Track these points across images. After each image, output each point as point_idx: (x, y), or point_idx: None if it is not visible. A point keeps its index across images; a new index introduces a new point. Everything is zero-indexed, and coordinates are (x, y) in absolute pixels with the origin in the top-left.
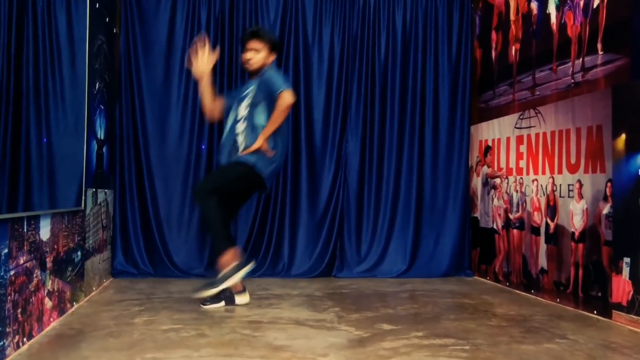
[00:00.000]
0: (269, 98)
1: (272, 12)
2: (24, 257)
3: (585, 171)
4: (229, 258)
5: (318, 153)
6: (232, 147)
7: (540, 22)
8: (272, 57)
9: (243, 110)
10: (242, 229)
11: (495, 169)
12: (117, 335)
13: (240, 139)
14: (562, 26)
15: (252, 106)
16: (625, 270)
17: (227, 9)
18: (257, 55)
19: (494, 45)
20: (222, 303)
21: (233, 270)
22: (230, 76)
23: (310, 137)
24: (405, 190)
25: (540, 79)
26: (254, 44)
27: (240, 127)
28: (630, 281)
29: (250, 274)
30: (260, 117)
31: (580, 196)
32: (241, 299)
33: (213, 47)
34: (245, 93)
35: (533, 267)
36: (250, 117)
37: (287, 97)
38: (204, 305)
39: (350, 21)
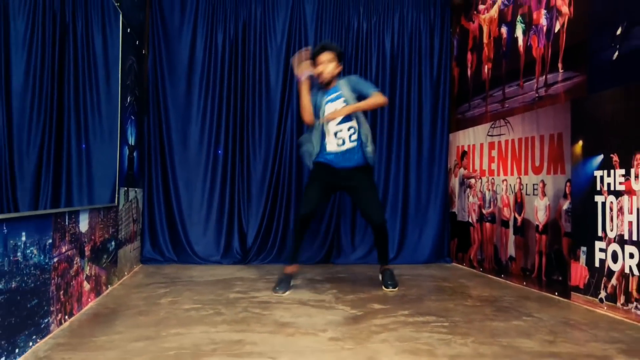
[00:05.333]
0: (360, 99)
1: (278, 36)
2: (66, 247)
3: (548, 172)
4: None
5: None
6: (349, 151)
7: (509, 44)
8: (340, 67)
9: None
10: (253, 224)
11: (471, 170)
12: (146, 313)
13: (353, 145)
14: (528, 48)
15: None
16: (582, 258)
17: (240, 33)
18: (328, 66)
19: (469, 65)
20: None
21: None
22: (242, 92)
23: None
24: (393, 189)
25: (509, 93)
26: (325, 56)
27: (345, 131)
28: (586, 267)
29: (260, 262)
30: (360, 115)
31: (544, 194)
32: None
33: (228, 66)
34: (332, 97)
35: (503, 255)
36: (351, 117)
37: (382, 97)
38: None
39: (345, 43)
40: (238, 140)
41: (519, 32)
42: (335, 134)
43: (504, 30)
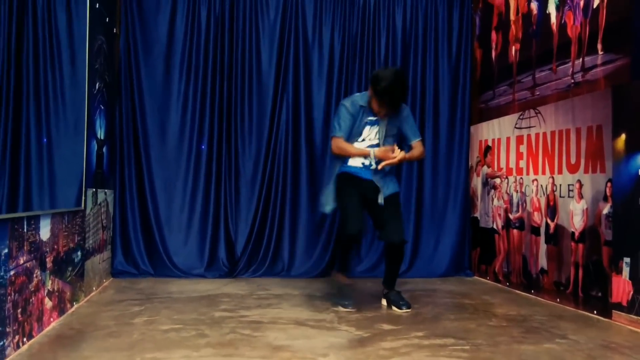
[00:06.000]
0: (399, 137)
1: (272, 12)
2: (24, 257)
3: (585, 171)
4: None
5: (318, 152)
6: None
7: (540, 22)
8: None
9: (375, 139)
10: (242, 231)
11: (495, 169)
12: (117, 335)
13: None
14: (562, 26)
15: (389, 137)
16: (625, 270)
17: (227, 8)
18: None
19: (493, 46)
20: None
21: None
22: (230, 77)
23: (310, 136)
24: (405, 190)
25: (540, 79)
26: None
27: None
28: (630, 281)
29: (250, 274)
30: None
31: (580, 196)
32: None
33: (213, 46)
34: (374, 120)
35: (533, 267)
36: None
37: (423, 149)
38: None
39: (350, 21)
40: (225, 133)
41: (551, 8)
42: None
43: (534, 5)
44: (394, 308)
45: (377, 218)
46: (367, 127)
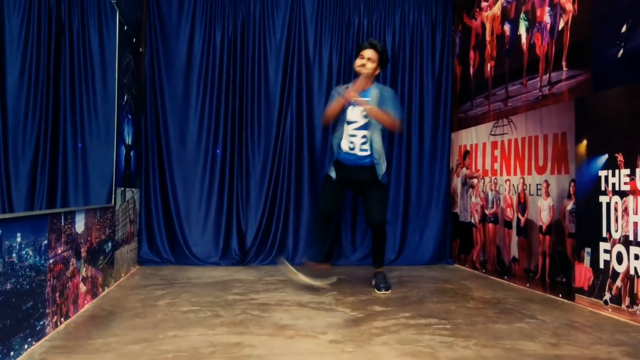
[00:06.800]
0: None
1: (278, 33)
2: (62, 248)
3: (552, 172)
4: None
5: (318, 156)
6: (360, 157)
7: (512, 42)
8: (379, 71)
9: (359, 117)
10: (252, 224)
11: (473, 170)
12: (143, 315)
13: (363, 154)
14: (531, 46)
15: (369, 116)
16: (587, 259)
17: (239, 30)
18: (369, 64)
19: (471, 63)
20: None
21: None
22: (241, 91)
23: (311, 142)
24: (394, 189)
25: (512, 92)
26: (370, 53)
27: (359, 138)
28: (590, 268)
29: (259, 263)
30: (377, 129)
31: (547, 194)
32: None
33: (226, 64)
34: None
35: (506, 256)
36: (367, 127)
37: (398, 123)
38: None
39: (346, 41)
40: (237, 139)
41: (522, 30)
42: (350, 137)
43: (507, 27)
44: (375, 290)
45: (362, 201)
46: (350, 108)
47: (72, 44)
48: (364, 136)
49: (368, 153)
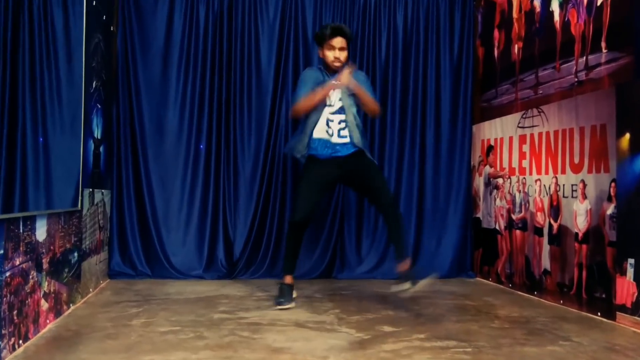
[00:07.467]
0: (356, 99)
1: (271, 10)
2: (20, 258)
3: (589, 171)
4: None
5: None
6: (338, 144)
7: (543, 20)
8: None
9: (336, 100)
10: (241, 231)
11: (498, 168)
12: (115, 337)
13: (342, 141)
14: (565, 24)
15: (350, 96)
16: (630, 272)
17: (225, 6)
18: (343, 54)
19: (496, 44)
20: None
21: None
22: (229, 75)
23: None
24: (407, 190)
25: (543, 78)
26: (343, 42)
27: (336, 123)
28: (634, 282)
29: (249, 276)
30: (351, 113)
31: (584, 196)
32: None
33: (212, 44)
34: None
35: (536, 268)
36: (343, 111)
37: (378, 106)
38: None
39: (350, 20)
40: (223, 132)
41: (554, 6)
42: (327, 122)
43: (537, 3)
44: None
45: (360, 188)
46: (333, 93)
47: (31, 21)
48: (341, 121)
49: (347, 140)
